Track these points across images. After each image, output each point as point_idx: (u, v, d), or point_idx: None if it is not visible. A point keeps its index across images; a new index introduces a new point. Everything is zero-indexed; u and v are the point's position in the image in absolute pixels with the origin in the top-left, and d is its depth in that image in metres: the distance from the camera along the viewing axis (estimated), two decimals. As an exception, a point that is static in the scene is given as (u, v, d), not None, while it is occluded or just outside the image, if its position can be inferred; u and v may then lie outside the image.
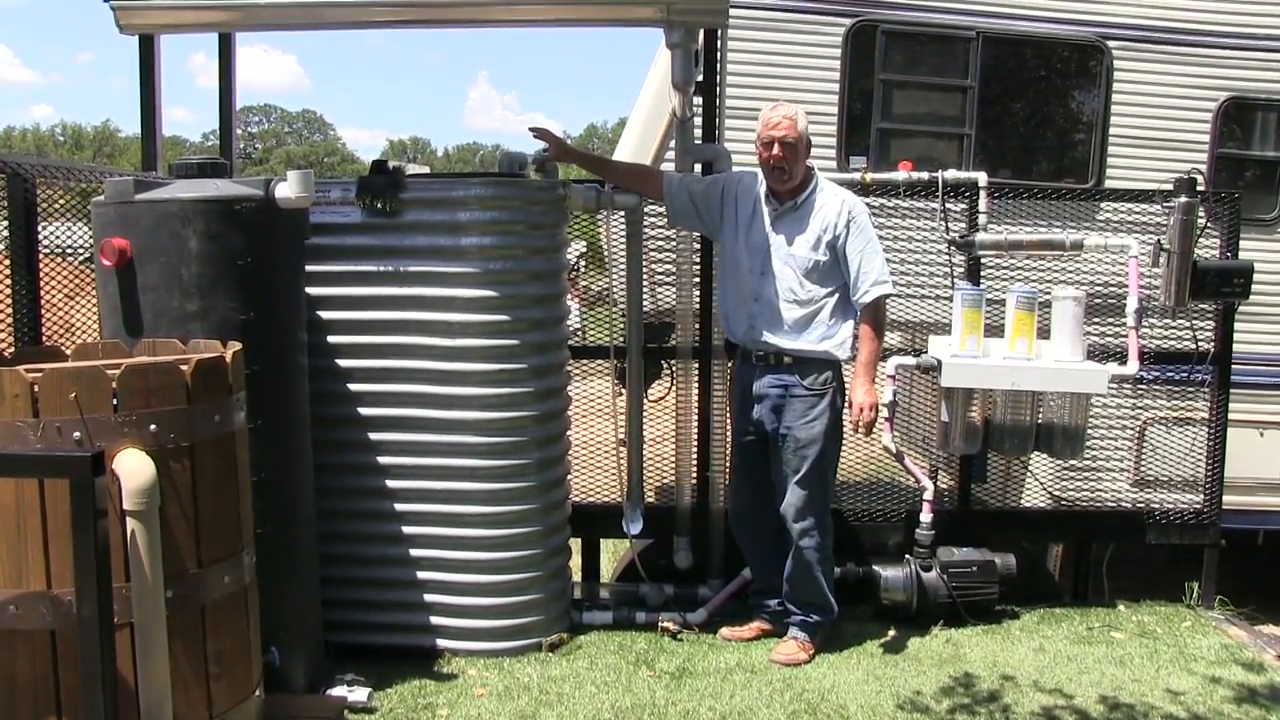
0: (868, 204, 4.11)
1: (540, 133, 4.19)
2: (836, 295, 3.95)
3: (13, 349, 3.43)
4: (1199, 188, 4.62)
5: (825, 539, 4.06)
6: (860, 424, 3.96)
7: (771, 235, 3.98)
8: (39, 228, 3.67)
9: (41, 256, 3.71)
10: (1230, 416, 4.90)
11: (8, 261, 3.60)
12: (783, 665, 3.95)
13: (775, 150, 3.90)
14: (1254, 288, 4.68)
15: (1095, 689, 3.83)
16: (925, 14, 6.13)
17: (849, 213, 3.92)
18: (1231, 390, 4.88)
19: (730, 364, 4.36)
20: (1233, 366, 4.87)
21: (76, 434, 2.52)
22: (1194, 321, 4.77)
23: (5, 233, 3.58)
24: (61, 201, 3.95)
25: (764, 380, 4.02)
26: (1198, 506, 4.96)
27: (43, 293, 3.71)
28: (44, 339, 3.68)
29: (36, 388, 2.51)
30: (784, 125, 3.89)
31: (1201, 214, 4.60)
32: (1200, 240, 4.61)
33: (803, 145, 3.92)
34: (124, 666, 2.55)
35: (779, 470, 4.03)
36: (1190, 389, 4.97)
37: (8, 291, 3.57)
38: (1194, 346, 4.79)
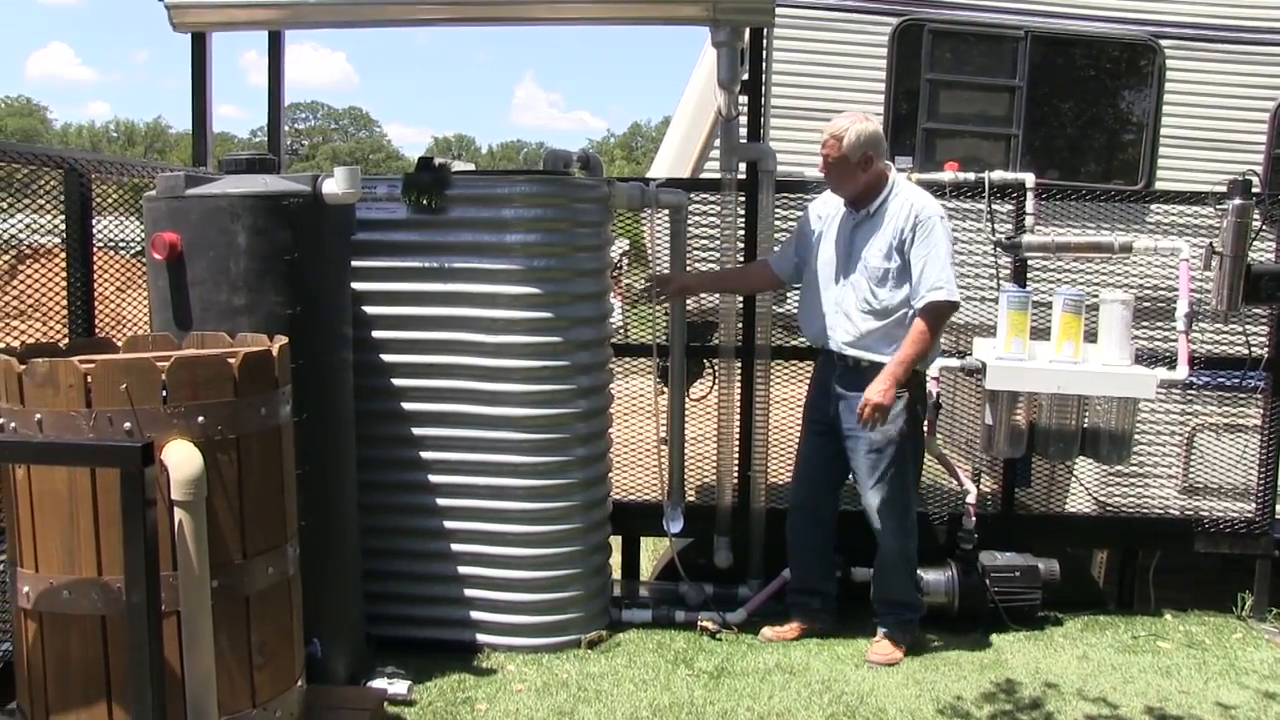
0: None
1: (660, 286, 4.26)
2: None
3: (67, 340, 3.49)
4: (1254, 190, 4.53)
5: (907, 541, 4.04)
6: (862, 419, 3.83)
7: (847, 244, 3.96)
8: (93, 221, 3.73)
9: (95, 250, 3.77)
10: (1284, 424, 4.80)
11: (64, 255, 3.66)
12: (880, 665, 3.95)
13: (822, 165, 3.93)
14: (1309, 292, 4.59)
15: (1141, 699, 3.77)
16: (973, 13, 6.07)
17: (915, 217, 3.84)
18: (1286, 397, 4.78)
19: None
20: (1287, 373, 4.77)
21: (127, 424, 2.56)
22: (1246, 326, 4.68)
23: (62, 227, 3.64)
24: (114, 196, 4.01)
25: (843, 379, 3.99)
26: (1249, 515, 4.86)
27: (95, 285, 3.77)
28: (96, 331, 3.74)
29: (89, 379, 2.56)
30: (827, 145, 3.89)
31: (1256, 216, 4.51)
32: (1254, 243, 4.53)
33: (852, 163, 3.85)
34: (170, 654, 2.59)
35: (856, 470, 4.02)
36: (1242, 395, 4.87)
37: (64, 284, 3.63)
38: (1246, 352, 4.70)
